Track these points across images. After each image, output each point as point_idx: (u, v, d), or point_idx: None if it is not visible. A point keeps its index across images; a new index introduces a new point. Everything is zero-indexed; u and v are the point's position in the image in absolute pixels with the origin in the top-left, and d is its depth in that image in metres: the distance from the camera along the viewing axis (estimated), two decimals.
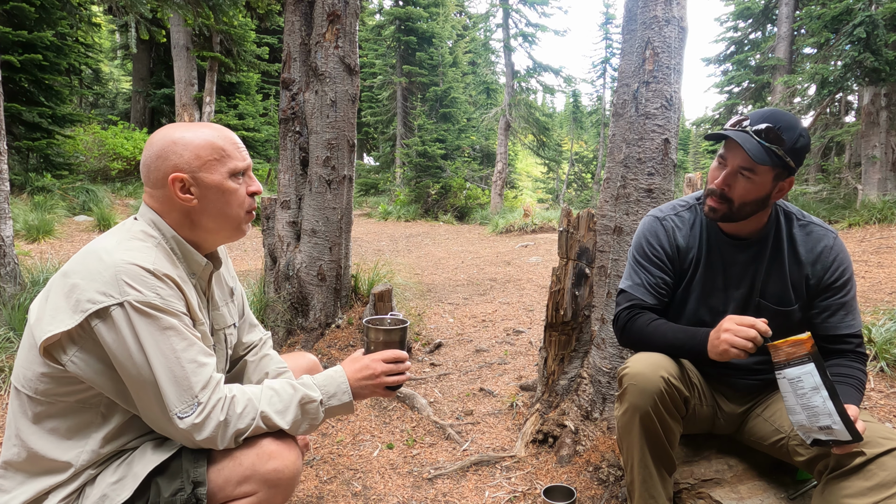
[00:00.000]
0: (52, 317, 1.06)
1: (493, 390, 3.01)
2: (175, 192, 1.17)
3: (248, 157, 1.27)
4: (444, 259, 8.39)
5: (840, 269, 1.48)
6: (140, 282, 1.07)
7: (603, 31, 21.64)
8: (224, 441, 1.12)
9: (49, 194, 8.52)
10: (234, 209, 1.23)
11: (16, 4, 8.36)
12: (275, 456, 1.13)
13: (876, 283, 4.54)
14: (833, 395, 1.21)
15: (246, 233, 1.30)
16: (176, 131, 1.20)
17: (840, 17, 8.08)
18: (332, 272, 3.36)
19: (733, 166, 1.42)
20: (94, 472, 1.14)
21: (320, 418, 1.21)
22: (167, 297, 1.10)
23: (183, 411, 1.07)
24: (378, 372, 1.28)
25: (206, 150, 1.18)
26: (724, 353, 1.32)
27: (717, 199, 1.45)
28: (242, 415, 1.13)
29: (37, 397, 1.11)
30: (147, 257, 1.11)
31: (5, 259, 3.19)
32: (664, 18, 2.12)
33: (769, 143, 1.36)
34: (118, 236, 1.16)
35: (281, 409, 1.17)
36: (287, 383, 1.22)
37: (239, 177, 1.23)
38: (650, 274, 1.59)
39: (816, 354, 1.24)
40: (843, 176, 10.26)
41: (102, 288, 1.05)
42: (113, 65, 20.93)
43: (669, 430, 1.42)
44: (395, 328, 1.33)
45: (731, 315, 1.36)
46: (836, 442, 1.23)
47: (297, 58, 3.39)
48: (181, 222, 1.21)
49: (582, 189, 22.56)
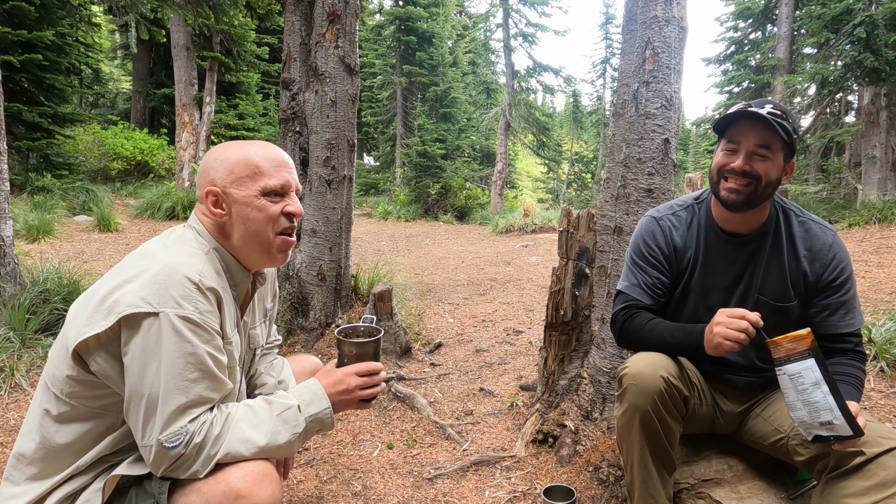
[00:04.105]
0: (89, 318, 1.05)
1: (493, 390, 3.01)
2: (208, 206, 1.19)
3: (291, 177, 1.24)
4: (444, 259, 8.39)
5: (839, 268, 1.48)
6: (184, 295, 1.05)
7: (603, 31, 21.64)
8: (194, 466, 1.06)
9: (49, 194, 8.52)
10: (262, 227, 1.20)
11: (16, 4, 8.35)
12: (243, 495, 1.05)
13: (876, 283, 4.54)
14: (834, 391, 1.21)
15: (280, 261, 1.26)
16: (224, 149, 1.21)
17: (840, 17, 8.08)
18: (332, 272, 3.36)
19: (749, 147, 1.41)
20: (88, 479, 1.14)
21: (301, 425, 1.16)
22: (205, 312, 1.09)
23: (170, 440, 1.04)
24: (352, 387, 1.25)
25: (240, 167, 1.19)
26: (718, 346, 1.32)
27: (739, 179, 1.42)
28: (219, 437, 1.08)
29: (63, 398, 1.11)
30: (195, 266, 1.10)
31: (5, 259, 3.19)
32: (664, 18, 2.12)
33: (779, 119, 1.38)
34: (169, 242, 1.17)
35: (255, 423, 1.13)
36: (262, 398, 1.19)
37: (274, 196, 1.21)
38: (647, 274, 1.59)
39: (817, 350, 1.24)
40: (843, 176, 10.25)
41: (144, 293, 1.04)
42: (113, 65, 20.92)
43: (669, 430, 1.42)
44: (368, 341, 1.30)
45: (723, 308, 1.36)
46: (838, 437, 1.23)
47: (297, 58, 3.39)
48: (217, 236, 1.22)
49: (582, 189, 22.55)
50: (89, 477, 1.14)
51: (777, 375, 1.31)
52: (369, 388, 1.27)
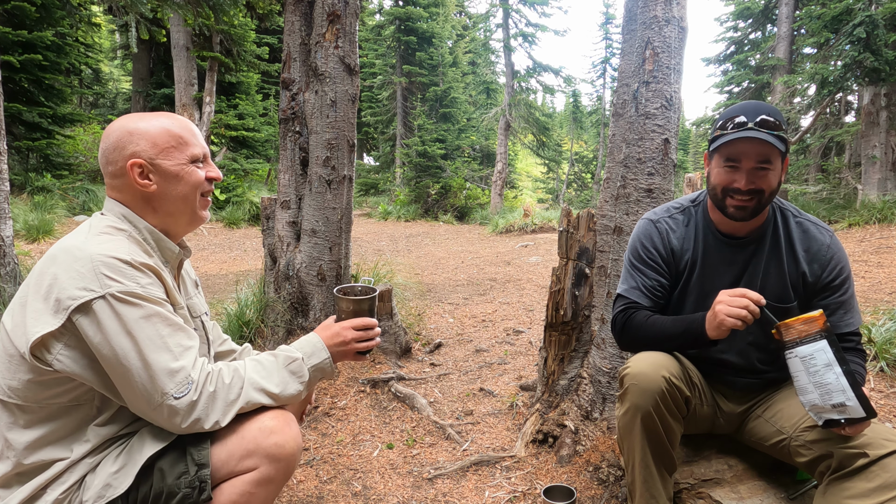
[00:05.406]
0: (35, 319, 1.06)
1: (493, 390, 3.01)
2: (134, 178, 1.20)
3: (205, 144, 1.31)
4: (443, 259, 8.38)
5: (838, 268, 1.48)
6: (119, 273, 1.08)
7: (603, 31, 21.63)
8: (214, 415, 1.12)
9: (49, 194, 8.52)
10: (191, 192, 1.26)
11: (16, 4, 8.36)
12: (276, 431, 1.15)
13: (876, 283, 4.54)
14: (847, 372, 1.21)
15: (204, 219, 1.33)
16: (130, 122, 1.22)
17: (840, 17, 8.08)
18: (332, 272, 3.35)
19: (750, 165, 1.41)
20: (93, 461, 1.14)
21: (306, 375, 1.25)
22: (147, 285, 1.12)
23: (178, 391, 1.08)
24: (348, 339, 1.33)
25: (163, 138, 1.21)
26: (721, 324, 1.32)
27: (745, 197, 1.43)
28: (231, 385, 1.15)
29: (27, 405, 1.10)
30: (121, 248, 1.12)
31: (5, 259, 3.19)
32: (664, 18, 2.12)
33: (775, 130, 1.38)
34: (86, 233, 1.16)
35: (266, 375, 1.20)
36: (267, 353, 1.27)
37: (199, 163, 1.27)
38: (645, 276, 1.59)
39: (829, 331, 1.24)
40: (843, 176, 10.25)
41: (82, 283, 1.05)
42: (113, 65, 20.92)
43: (671, 430, 1.42)
44: (364, 298, 1.38)
45: (723, 290, 1.37)
46: (850, 420, 1.22)
47: (297, 58, 3.38)
48: (144, 209, 1.24)
49: (582, 189, 22.54)
50: (89, 464, 1.13)
51: (787, 359, 1.30)
52: (364, 342, 1.36)
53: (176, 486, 1.09)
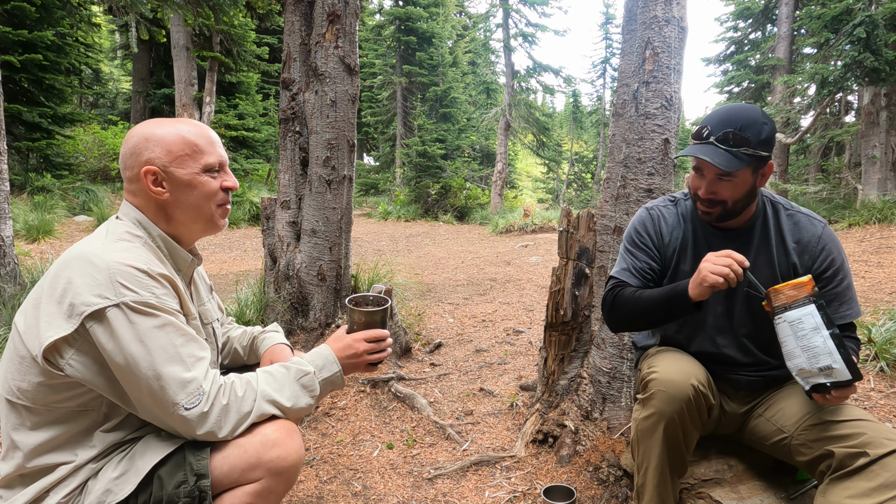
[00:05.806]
0: (49, 323, 1.06)
1: (493, 390, 3.01)
2: (147, 185, 1.19)
3: (224, 153, 1.29)
4: (444, 259, 8.38)
5: (829, 259, 1.48)
6: (135, 282, 1.08)
7: (603, 31, 21.62)
8: (228, 427, 1.12)
9: (49, 194, 8.52)
10: (206, 203, 1.25)
11: (16, 4, 8.36)
12: (279, 443, 1.15)
13: (876, 283, 4.54)
14: (834, 335, 1.22)
15: (221, 227, 1.32)
16: (149, 127, 1.22)
17: (840, 17, 8.08)
18: (332, 272, 3.35)
19: (711, 176, 1.45)
20: (95, 466, 1.14)
21: (317, 389, 1.24)
22: (162, 295, 1.12)
23: (189, 402, 1.08)
24: (360, 351, 1.33)
25: (178, 146, 1.20)
26: (704, 280, 1.33)
27: (707, 205, 1.48)
28: (244, 398, 1.15)
29: (35, 407, 1.10)
30: (139, 257, 1.12)
31: (5, 259, 3.19)
32: (664, 18, 2.12)
33: (736, 147, 1.39)
34: (104, 238, 1.16)
35: (278, 388, 1.19)
36: (279, 365, 1.26)
37: (213, 172, 1.26)
38: (636, 258, 1.62)
39: (818, 296, 1.25)
40: (843, 176, 10.25)
41: (97, 290, 1.05)
42: (113, 65, 20.91)
43: (690, 438, 1.42)
44: (377, 310, 1.37)
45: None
46: (836, 384, 1.23)
47: (297, 58, 3.39)
48: (158, 216, 1.23)
49: (582, 189, 22.54)
50: (91, 469, 1.13)
51: (776, 325, 1.32)
52: (376, 354, 1.36)
53: (175, 495, 1.09)
